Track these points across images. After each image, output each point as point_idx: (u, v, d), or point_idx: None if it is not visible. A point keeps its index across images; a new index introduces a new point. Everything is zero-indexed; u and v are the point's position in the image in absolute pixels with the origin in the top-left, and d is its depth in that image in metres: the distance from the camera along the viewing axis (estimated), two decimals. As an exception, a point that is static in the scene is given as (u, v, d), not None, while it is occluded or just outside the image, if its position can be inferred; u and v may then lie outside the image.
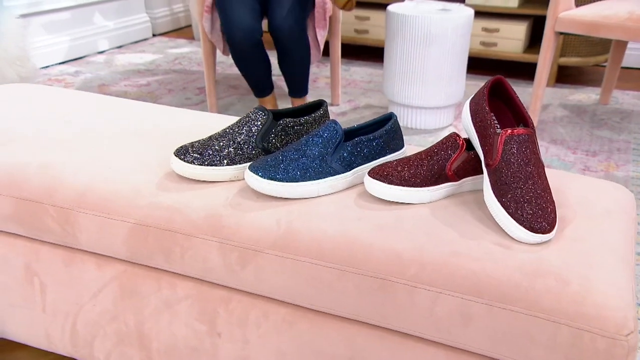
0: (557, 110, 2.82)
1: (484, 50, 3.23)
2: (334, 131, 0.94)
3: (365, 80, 3.21)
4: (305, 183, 0.93)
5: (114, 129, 1.18)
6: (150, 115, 1.26)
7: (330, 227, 0.87)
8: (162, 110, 1.29)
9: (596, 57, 3.14)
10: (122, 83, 3.13)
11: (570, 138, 2.51)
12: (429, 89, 2.45)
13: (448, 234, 0.85)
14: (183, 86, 3.08)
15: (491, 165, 0.87)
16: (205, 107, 2.75)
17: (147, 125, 1.20)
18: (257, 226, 0.89)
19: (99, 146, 1.10)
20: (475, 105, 0.93)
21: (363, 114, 2.73)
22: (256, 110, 1.01)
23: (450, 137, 0.93)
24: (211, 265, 0.92)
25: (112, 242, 0.97)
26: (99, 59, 3.59)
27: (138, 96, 2.93)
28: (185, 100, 2.86)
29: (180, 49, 3.83)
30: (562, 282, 0.77)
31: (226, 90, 3.03)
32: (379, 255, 0.83)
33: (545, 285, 0.76)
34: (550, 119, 2.71)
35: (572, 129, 2.61)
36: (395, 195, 0.91)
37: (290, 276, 0.87)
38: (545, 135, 2.53)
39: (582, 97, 3.01)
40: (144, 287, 1.00)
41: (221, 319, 0.96)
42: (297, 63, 2.38)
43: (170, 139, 1.14)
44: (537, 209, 0.83)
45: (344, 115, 2.71)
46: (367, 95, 2.96)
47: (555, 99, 2.98)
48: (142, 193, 0.96)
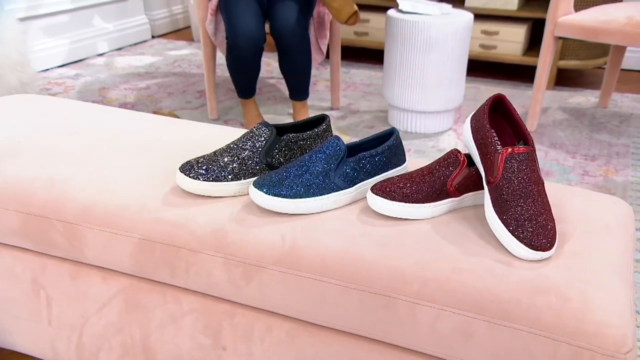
0: (557, 114, 2.84)
1: (483, 52, 3.24)
2: (336, 147, 0.96)
3: (365, 82, 3.23)
4: (309, 199, 0.94)
5: (119, 142, 1.19)
6: (154, 127, 1.28)
7: (334, 244, 0.89)
8: (165, 122, 1.31)
9: (595, 60, 3.16)
10: (122, 86, 3.14)
11: (570, 142, 2.53)
12: (429, 93, 2.47)
13: (450, 250, 0.87)
14: (183, 89, 3.10)
15: (492, 182, 0.88)
16: (205, 111, 2.77)
17: (151, 137, 1.22)
18: (262, 242, 0.91)
19: (105, 159, 1.12)
20: (476, 122, 0.95)
21: (363, 117, 2.75)
22: (260, 126, 1.02)
23: (451, 153, 0.95)
24: (216, 281, 0.93)
25: (118, 257, 0.99)
26: (99, 61, 3.60)
27: (138, 100, 2.94)
28: (186, 104, 2.88)
29: (179, 50, 3.84)
30: (563, 298, 0.78)
31: (226, 93, 3.05)
32: (382, 271, 0.85)
33: (546, 302, 0.78)
34: (549, 122, 2.73)
35: (571, 132, 2.62)
36: (398, 212, 0.93)
37: (294, 292, 0.89)
38: (544, 140, 2.54)
39: (581, 99, 3.03)
40: (149, 301, 1.02)
41: (226, 333, 0.98)
42: (299, 65, 2.40)
43: (174, 152, 1.15)
44: (537, 226, 0.84)
45: (344, 119, 2.73)
46: (366, 99, 2.98)
47: (554, 101, 3.00)
48: (147, 208, 0.98)
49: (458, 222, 0.94)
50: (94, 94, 3.03)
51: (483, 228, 0.92)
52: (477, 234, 0.91)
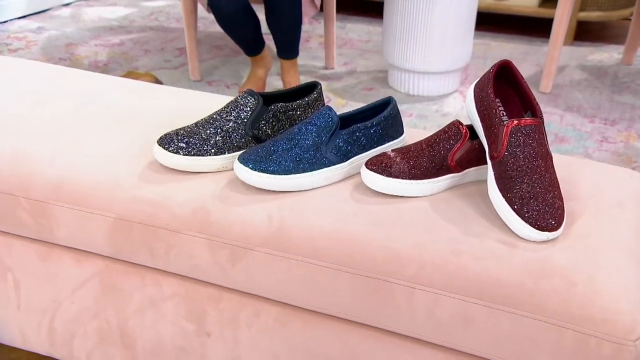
0: (575, 73, 2.86)
1: (494, 4, 3.24)
2: (328, 119, 0.98)
3: (363, 39, 3.23)
4: (299, 175, 0.97)
5: (91, 111, 1.21)
6: (130, 93, 1.30)
7: (325, 224, 0.92)
8: (143, 88, 1.32)
9: (620, 11, 3.16)
10: (91, 42, 3.14)
11: (588, 104, 2.55)
12: (433, 51, 2.48)
13: (449, 230, 0.90)
14: (161, 46, 3.09)
15: (496, 157, 0.91)
16: (187, 71, 2.77)
17: (126, 105, 1.24)
18: (248, 222, 0.94)
19: (75, 131, 1.14)
20: (480, 91, 0.97)
21: (360, 78, 2.76)
22: (245, 95, 1.04)
23: (452, 125, 0.97)
24: (199, 263, 0.97)
25: (92, 238, 1.02)
26: (64, 12, 3.58)
27: (110, 58, 2.94)
28: (164, 63, 2.88)
29: (156, 1, 3.82)
30: (568, 283, 0.82)
31: (209, 51, 3.05)
32: (376, 254, 0.88)
33: (551, 286, 0.82)
34: (566, 82, 2.75)
35: (590, 93, 2.64)
36: (394, 188, 0.96)
37: (283, 275, 0.92)
38: (560, 102, 2.57)
39: (603, 56, 3.04)
40: (126, 284, 1.05)
41: (210, 318, 1.02)
42: (288, 20, 2.40)
43: (152, 122, 1.17)
44: (544, 205, 0.87)
45: (339, 80, 2.74)
46: (364, 57, 2.99)
47: (572, 59, 3.01)
48: (123, 185, 1.01)
49: (459, 200, 0.97)
50: (60, 50, 3.03)
51: (486, 206, 0.95)
52: (480, 212, 0.94)
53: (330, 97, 2.58)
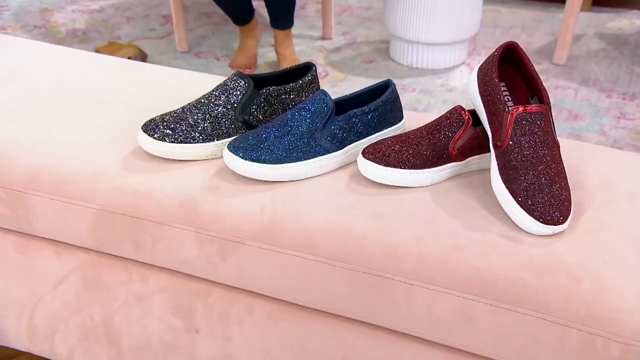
0: (592, 42, 2.87)
1: (506, -33, 3.24)
2: (323, 104, 1.01)
3: (364, 6, 3.23)
4: (292, 164, 0.99)
5: (70, 92, 1.23)
6: (112, 72, 1.32)
7: (320, 216, 0.95)
8: (126, 66, 1.34)
9: (641, -24, 3.17)
10: (68, 8, 3.14)
11: (606, 77, 2.57)
12: (438, 20, 2.49)
13: (450, 224, 0.92)
14: (145, 13, 3.10)
15: (499, 146, 0.94)
16: (173, 41, 2.78)
17: (109, 86, 1.26)
18: (238, 214, 0.96)
19: (54, 115, 1.16)
20: (484, 75, 0.99)
21: (360, 50, 2.77)
22: (235, 78, 1.06)
23: (454, 111, 0.99)
24: (187, 257, 0.99)
25: (73, 230, 1.04)
26: (40, -23, 3.57)
27: (90, 25, 2.95)
28: (149, 32, 2.89)
29: (138, -37, 3.81)
30: (574, 280, 0.85)
31: (197, 19, 3.05)
32: (373, 248, 0.91)
33: (555, 283, 0.85)
34: (582, 53, 2.76)
35: (608, 65, 2.66)
36: (392, 178, 0.98)
37: (276, 270, 0.95)
38: (575, 75, 2.58)
39: (623, 23, 3.05)
40: (111, 278, 1.08)
41: (199, 314, 1.05)
42: None
43: (136, 104, 1.19)
44: (550, 197, 0.90)
45: (338, 51, 2.75)
46: (365, 26, 2.99)
47: (590, 26, 3.02)
48: (105, 174, 1.03)
49: (461, 190, 0.99)
50: (34, 16, 3.03)
51: (489, 196, 0.97)
52: (482, 204, 0.96)
53: (328, 71, 2.59)
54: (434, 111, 2.33)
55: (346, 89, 2.46)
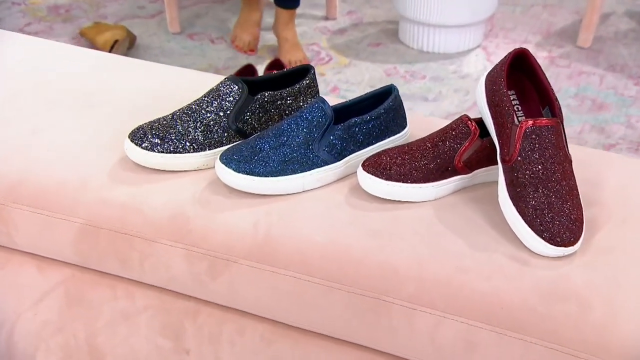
0: (621, 22, 2.86)
1: (527, -61, 3.24)
2: (321, 112, 1.03)
3: (371, -19, 3.24)
4: (288, 177, 1.02)
5: (53, 92, 1.26)
6: (98, 69, 1.34)
7: (317, 233, 0.98)
8: (114, 63, 1.37)
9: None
10: (51, -16, 3.15)
11: (635, 62, 2.57)
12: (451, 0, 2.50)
13: (454, 243, 0.95)
14: (132, -11, 3.11)
15: (507, 161, 0.96)
16: (164, 21, 2.80)
17: (94, 84, 1.29)
18: (230, 230, 0.99)
19: (34, 117, 1.19)
20: (492, 83, 1.02)
21: (367, 31, 2.79)
22: (228, 82, 1.09)
23: (460, 121, 1.02)
24: (176, 275, 1.03)
25: (56, 244, 1.08)
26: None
27: (73, 2, 2.96)
28: (138, 10, 2.90)
29: None
30: (585, 306, 0.87)
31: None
32: (372, 269, 0.94)
33: (565, 310, 0.87)
34: (610, 34, 2.76)
35: (638, 48, 2.66)
36: (394, 193, 1.01)
37: (269, 290, 0.98)
38: (601, 59, 2.59)
39: (655, 2, 3.04)
40: (95, 295, 1.11)
41: (189, 335, 1.08)
42: None
43: (124, 107, 1.22)
44: (560, 216, 0.92)
45: (342, 33, 2.77)
46: (372, 5, 3.00)
47: (619, 3, 3.01)
48: (90, 185, 1.06)
49: (466, 205, 1.02)
50: (12, -6, 3.04)
51: (496, 213, 1.00)
52: (489, 220, 0.99)
53: (331, 56, 2.61)
54: (445, 101, 2.35)
55: (351, 75, 2.47)
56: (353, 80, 2.47)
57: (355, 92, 2.39)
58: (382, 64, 2.56)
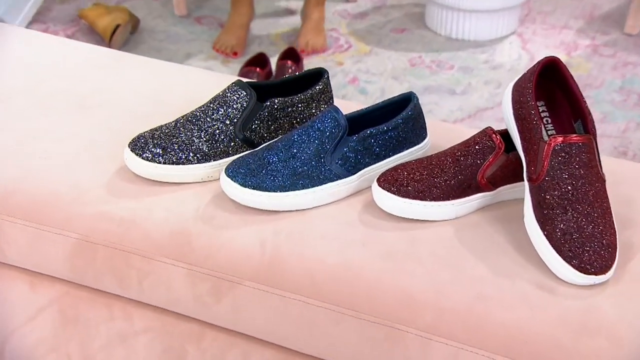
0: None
1: None
2: (334, 123, 1.05)
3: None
4: (298, 192, 1.04)
5: (46, 94, 1.28)
6: (95, 66, 1.36)
7: (328, 254, 0.99)
8: (113, 60, 1.39)
9: None
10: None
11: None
12: (484, -17, 2.50)
13: (475, 268, 0.97)
14: (136, -34, 3.13)
15: (534, 180, 0.97)
16: (170, 2, 2.81)
17: (91, 85, 1.31)
18: (236, 249, 1.01)
19: (27, 122, 1.22)
20: (519, 94, 1.03)
21: (390, 15, 2.78)
22: (235, 88, 1.11)
23: (484, 134, 1.03)
24: (177, 296, 1.05)
25: (50, 260, 1.10)
26: None
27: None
28: (140, -11, 2.92)
29: None
30: (616, 341, 0.88)
31: (197, -27, 3.08)
32: (387, 294, 0.96)
33: (594, 345, 0.88)
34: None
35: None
36: (411, 211, 1.03)
37: (276, 315, 1.00)
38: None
39: None
40: (91, 314, 1.14)
41: (191, 359, 1.10)
42: None
43: (124, 111, 1.24)
44: (591, 241, 0.93)
45: (363, 18, 2.77)
46: (397, -15, 3.01)
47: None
48: (87, 197, 1.08)
49: (490, 225, 1.03)
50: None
51: (522, 234, 1.01)
52: (513, 243, 1.00)
53: (351, 43, 2.62)
54: (474, 94, 2.35)
55: (372, 65, 2.48)
56: (374, 71, 2.47)
57: (376, 84, 2.40)
58: (406, 53, 2.57)
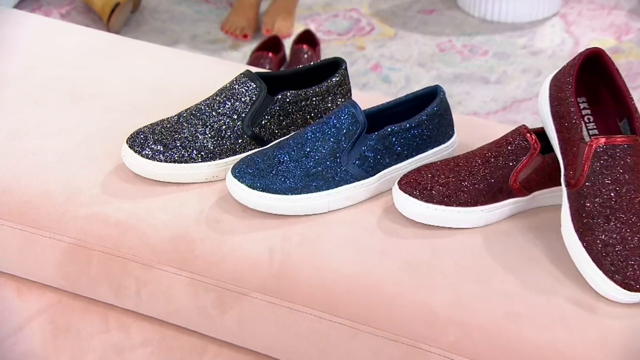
0: None
1: None
2: (351, 119, 1.03)
3: None
4: (311, 195, 1.02)
5: (37, 83, 1.27)
6: (91, 53, 1.35)
7: (343, 264, 0.98)
8: (110, 46, 1.37)
9: None
10: None
11: None
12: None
13: (505, 282, 0.94)
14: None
15: (573, 185, 0.95)
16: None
17: (86, 73, 1.30)
18: (242, 257, 1.00)
19: (16, 115, 1.21)
20: (558, 89, 1.00)
21: None
22: (244, 79, 1.09)
23: (517, 133, 1.01)
24: (179, 307, 1.03)
25: (40, 265, 1.09)
26: None
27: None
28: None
29: None
30: (661, 366, 0.86)
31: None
32: (407, 309, 0.94)
33: (637, 371, 0.86)
34: None
35: None
36: (435, 218, 1.01)
37: (285, 329, 0.98)
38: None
39: None
40: (84, 325, 1.12)
41: (192, 375, 1.09)
42: None
43: (121, 103, 1.23)
44: (636, 254, 0.91)
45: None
46: (425, -39, 2.97)
47: None
48: (81, 198, 1.07)
49: (522, 235, 1.01)
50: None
51: (559, 244, 0.98)
52: (549, 254, 0.98)
53: (373, 25, 2.59)
54: (511, 83, 2.32)
55: (397, 50, 2.46)
56: (399, 57, 2.44)
57: (400, 71, 2.37)
58: (434, 36, 2.54)
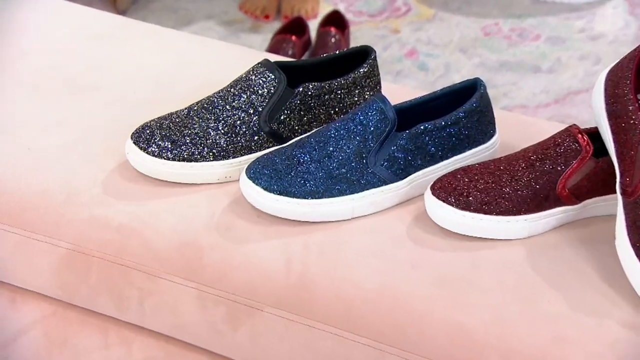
0: None
1: None
2: (380, 115, 1.02)
3: None
4: (334, 200, 1.01)
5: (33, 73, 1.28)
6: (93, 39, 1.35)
7: (367, 277, 0.97)
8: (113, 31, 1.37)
9: None
10: None
11: None
12: None
13: (551, 302, 0.93)
14: None
15: (630, 194, 0.93)
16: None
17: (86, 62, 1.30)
18: (256, 268, 0.99)
19: (10, 108, 1.21)
20: (614, 84, 0.98)
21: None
22: (261, 69, 1.08)
23: (567, 134, 0.99)
24: (185, 321, 1.03)
25: (35, 272, 1.09)
26: None
27: None
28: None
29: None
30: None
31: None
32: (439, 330, 0.92)
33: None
34: None
35: None
36: (472, 227, 0.99)
37: (302, 348, 0.98)
38: None
39: None
40: (82, 340, 1.12)
41: (199, 397, 1.09)
42: None
43: (125, 95, 1.23)
44: (698, 272, 0.90)
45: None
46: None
47: None
48: (80, 199, 1.07)
49: (571, 248, 0.99)
50: None
51: (613, 260, 0.96)
52: (601, 271, 0.96)
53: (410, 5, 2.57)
54: (566, 72, 2.30)
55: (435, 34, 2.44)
56: (437, 42, 2.43)
57: (439, 58, 2.36)
58: (478, 18, 2.52)
